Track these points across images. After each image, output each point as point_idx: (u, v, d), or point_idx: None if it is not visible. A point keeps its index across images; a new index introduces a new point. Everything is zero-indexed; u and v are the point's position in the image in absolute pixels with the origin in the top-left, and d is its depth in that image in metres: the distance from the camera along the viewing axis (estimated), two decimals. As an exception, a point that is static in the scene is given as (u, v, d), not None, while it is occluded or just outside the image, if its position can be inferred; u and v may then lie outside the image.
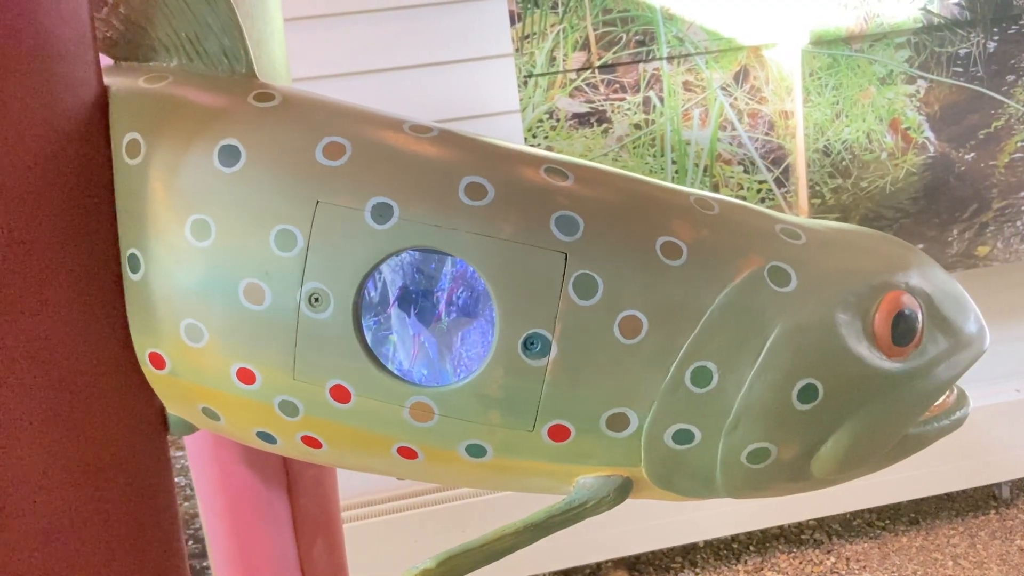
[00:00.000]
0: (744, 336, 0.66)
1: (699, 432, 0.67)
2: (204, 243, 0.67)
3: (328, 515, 0.98)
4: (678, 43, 2.16)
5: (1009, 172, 2.34)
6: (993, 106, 2.28)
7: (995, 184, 2.34)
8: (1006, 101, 2.29)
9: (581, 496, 0.69)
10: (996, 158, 2.32)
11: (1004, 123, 2.30)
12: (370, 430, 0.69)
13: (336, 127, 0.68)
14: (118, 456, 0.74)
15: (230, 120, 0.68)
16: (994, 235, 2.36)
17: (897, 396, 0.70)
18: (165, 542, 0.79)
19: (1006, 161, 2.33)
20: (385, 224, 0.65)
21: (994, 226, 2.36)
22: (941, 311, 0.72)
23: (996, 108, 2.28)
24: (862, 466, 0.72)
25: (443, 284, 0.76)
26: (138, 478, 0.76)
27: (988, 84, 2.28)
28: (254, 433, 0.73)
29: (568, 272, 0.65)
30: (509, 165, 0.68)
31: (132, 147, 0.69)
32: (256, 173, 0.67)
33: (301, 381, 0.68)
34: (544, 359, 0.65)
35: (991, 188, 2.34)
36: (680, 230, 0.68)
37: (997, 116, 2.29)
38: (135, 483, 0.76)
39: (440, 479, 0.74)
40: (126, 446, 0.75)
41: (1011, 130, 2.31)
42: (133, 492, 0.76)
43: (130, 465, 0.75)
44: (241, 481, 0.94)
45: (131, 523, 0.75)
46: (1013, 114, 2.30)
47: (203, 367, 0.70)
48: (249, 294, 0.66)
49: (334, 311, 0.66)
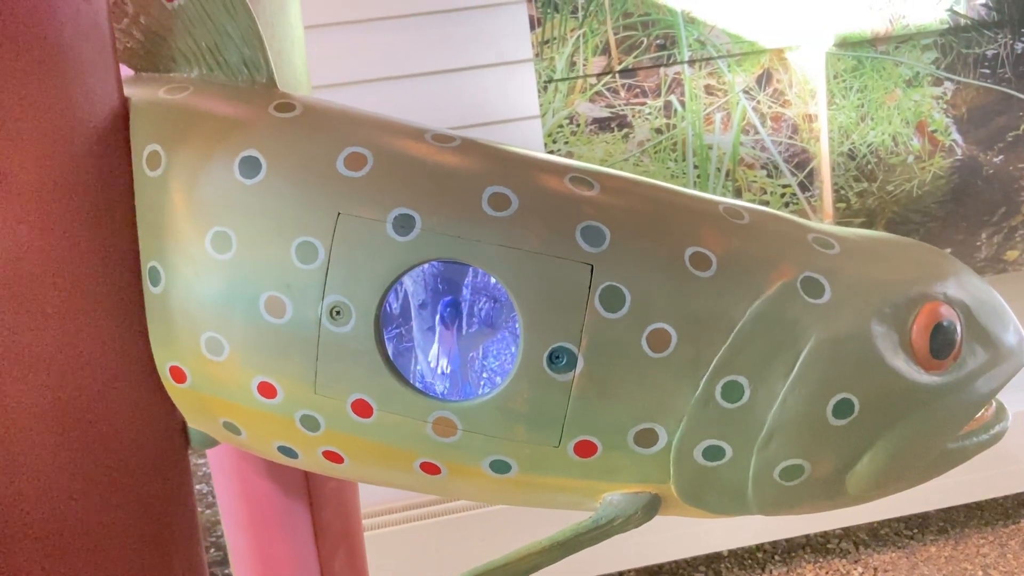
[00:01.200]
0: (777, 349, 0.64)
1: (730, 448, 0.65)
2: (225, 256, 0.66)
3: (350, 527, 0.97)
4: (699, 46, 2.14)
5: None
6: (1021, 108, 2.24)
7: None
8: (1035, 102, 2.25)
9: (608, 514, 0.67)
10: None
11: (1033, 125, 2.25)
12: (392, 445, 0.68)
13: (357, 137, 0.67)
14: (139, 470, 0.73)
15: (251, 131, 0.67)
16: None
17: (935, 410, 0.67)
18: (186, 558, 0.78)
19: (1035, 163, 2.29)
20: (407, 236, 0.64)
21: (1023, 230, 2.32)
22: (980, 322, 0.70)
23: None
24: (899, 482, 0.70)
25: (465, 295, 0.75)
26: (159, 492, 0.75)
27: (1016, 86, 2.25)
28: (275, 448, 0.72)
29: (594, 284, 0.63)
30: (533, 174, 0.67)
31: (152, 159, 0.68)
32: (277, 184, 0.66)
33: (322, 395, 0.67)
34: (570, 373, 0.63)
35: (1020, 191, 2.30)
36: (709, 240, 0.66)
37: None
38: (156, 498, 0.75)
39: (464, 495, 0.72)
40: (147, 460, 0.74)
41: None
42: (154, 507, 0.75)
43: (151, 479, 0.74)
44: (262, 493, 0.93)
45: (151, 538, 0.74)
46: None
47: (224, 381, 0.69)
48: (270, 307, 0.65)
49: (356, 324, 0.64)
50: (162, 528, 0.75)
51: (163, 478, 0.75)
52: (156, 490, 0.75)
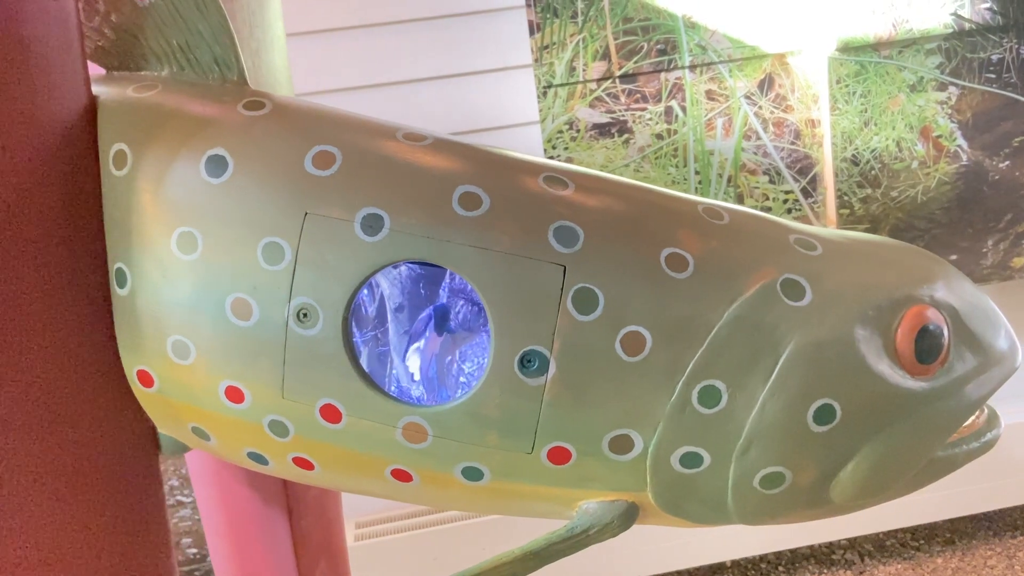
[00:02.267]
0: (755, 353, 0.62)
1: (708, 455, 0.63)
2: (190, 256, 0.65)
3: (331, 537, 0.95)
4: (701, 51, 2.12)
5: (1046, 181, 2.27)
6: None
7: (1031, 193, 2.26)
8: (1041, 107, 2.22)
9: (583, 522, 0.65)
10: (1032, 166, 2.25)
11: (1040, 130, 2.22)
12: (362, 451, 0.66)
13: (326, 135, 0.66)
14: (107, 477, 0.72)
15: (218, 129, 0.66)
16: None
17: (922, 417, 0.65)
18: (156, 566, 0.76)
19: (1042, 169, 2.26)
20: (375, 236, 0.62)
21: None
22: (969, 326, 0.68)
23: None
24: (886, 491, 0.67)
25: (442, 298, 0.74)
26: (129, 499, 0.74)
27: (1022, 91, 2.22)
28: (245, 454, 0.71)
29: (567, 286, 0.61)
30: (506, 174, 0.65)
31: (119, 158, 0.67)
32: (243, 184, 0.64)
33: (290, 400, 0.65)
34: (542, 377, 0.61)
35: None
36: (687, 241, 0.64)
37: (1032, 123, 2.22)
38: (125, 505, 0.73)
39: (438, 503, 0.70)
40: (115, 467, 0.72)
41: (1047, 137, 2.24)
42: (124, 514, 0.73)
43: (120, 486, 0.73)
44: (241, 500, 0.92)
45: (121, 546, 0.73)
46: (1049, 120, 2.23)
47: (191, 385, 0.67)
48: (236, 309, 0.64)
49: (323, 327, 0.63)
50: (132, 535, 0.74)
51: (133, 484, 0.74)
52: (126, 497, 0.73)
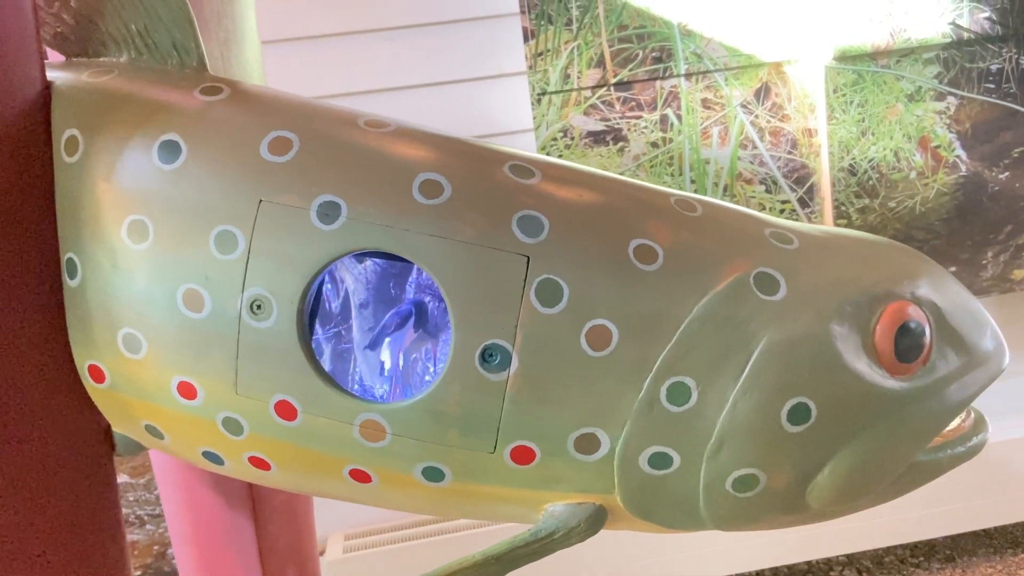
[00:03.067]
0: (726, 349, 0.60)
1: (678, 456, 0.60)
2: (141, 246, 0.62)
3: (300, 544, 0.92)
4: (696, 59, 2.10)
5: (1046, 192, 2.24)
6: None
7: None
8: (1042, 118, 2.20)
9: (548, 526, 0.62)
10: (1032, 178, 2.22)
11: (1040, 141, 2.20)
12: (319, 450, 0.63)
13: (284, 121, 0.63)
14: (59, 478, 0.69)
15: (172, 114, 0.64)
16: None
17: (902, 418, 0.62)
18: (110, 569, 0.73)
19: (1043, 181, 2.23)
20: (332, 224, 0.60)
21: (1033, 249, 2.25)
22: (952, 325, 0.65)
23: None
24: (866, 496, 0.65)
25: (408, 294, 0.71)
26: (81, 500, 0.71)
27: (1021, 101, 2.19)
28: (200, 453, 0.68)
29: (530, 277, 0.59)
30: (470, 162, 0.63)
31: (70, 144, 0.65)
32: (196, 170, 0.62)
33: (244, 396, 0.62)
34: (504, 372, 0.59)
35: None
36: (657, 232, 0.62)
37: (1032, 134, 2.19)
38: (77, 505, 0.71)
39: (399, 505, 0.68)
40: (68, 467, 0.70)
41: (1047, 148, 2.21)
42: (76, 515, 0.71)
43: (72, 486, 0.70)
44: (207, 504, 0.89)
45: (70, 549, 0.70)
46: (1049, 131, 2.21)
47: (143, 381, 0.65)
48: (188, 301, 0.62)
49: (277, 319, 0.60)
50: (84, 536, 0.71)
51: (86, 484, 0.71)
52: (78, 497, 0.71)
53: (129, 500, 2.16)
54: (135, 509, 2.22)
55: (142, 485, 2.23)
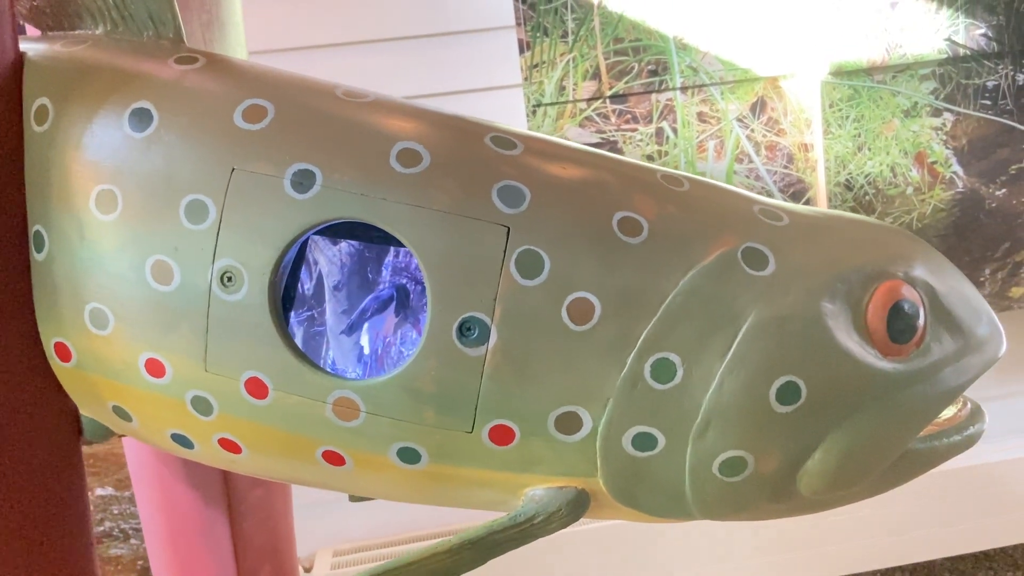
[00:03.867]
0: (713, 325, 0.57)
1: (663, 436, 0.58)
2: (110, 216, 0.60)
3: (277, 542, 0.90)
4: (692, 73, 2.10)
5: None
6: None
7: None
8: (1038, 135, 2.19)
9: (528, 510, 0.60)
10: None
11: (1037, 158, 2.19)
12: (291, 431, 0.61)
13: (259, 90, 0.62)
14: (24, 463, 0.67)
15: (145, 82, 0.62)
16: (1030, 276, 2.24)
17: (896, 402, 0.60)
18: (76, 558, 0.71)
19: (1040, 198, 2.22)
20: (306, 193, 0.58)
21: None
22: (948, 308, 0.63)
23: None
24: (858, 484, 0.62)
25: (384, 276, 0.69)
26: (48, 486, 0.68)
27: (1018, 118, 2.19)
28: (168, 436, 0.65)
29: (510, 248, 0.57)
30: (449, 132, 0.61)
31: (40, 113, 0.63)
32: (168, 138, 0.60)
33: (214, 373, 0.60)
34: (482, 347, 0.57)
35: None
36: (642, 206, 0.60)
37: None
38: (45, 491, 0.68)
39: (373, 491, 0.65)
40: (34, 452, 0.67)
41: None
42: (42, 502, 0.68)
43: (38, 473, 0.68)
44: (181, 502, 0.86)
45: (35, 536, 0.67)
46: (1046, 148, 2.20)
47: (110, 358, 0.63)
48: (157, 273, 0.59)
49: (248, 291, 0.58)
50: (49, 523, 0.68)
51: (53, 470, 0.69)
52: (45, 483, 0.68)
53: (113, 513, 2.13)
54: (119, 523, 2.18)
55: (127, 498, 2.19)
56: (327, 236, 0.68)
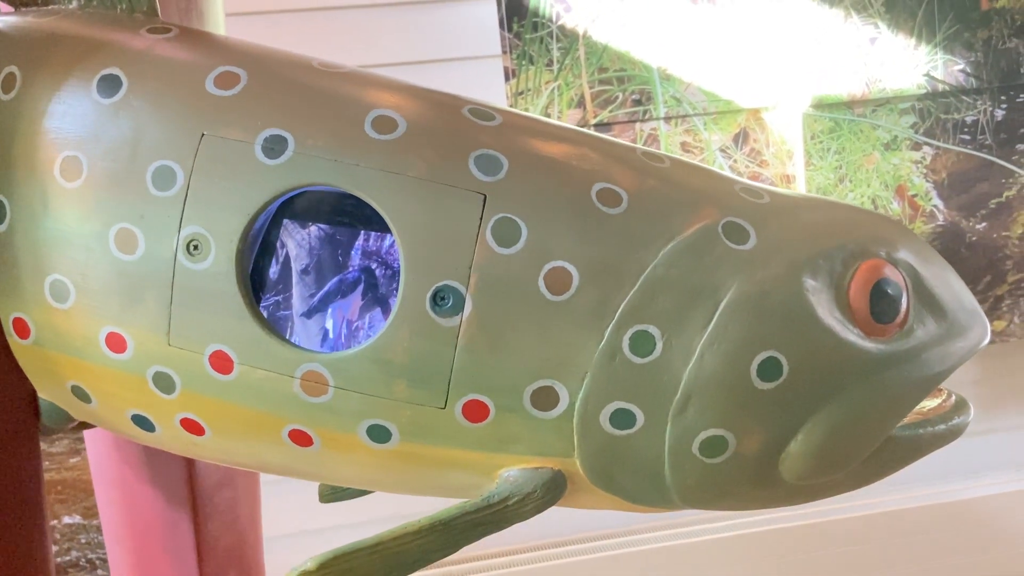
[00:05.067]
0: (693, 297, 0.56)
1: (642, 413, 0.56)
2: (74, 184, 0.59)
3: (243, 547, 0.86)
4: (676, 103, 2.11)
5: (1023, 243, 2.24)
6: (1004, 175, 2.20)
7: (1009, 256, 2.23)
8: (1017, 170, 2.22)
9: (502, 491, 0.58)
10: (1009, 228, 2.22)
11: (1016, 193, 2.21)
12: (256, 408, 0.59)
13: (233, 58, 0.61)
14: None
15: (116, 50, 0.61)
16: (1010, 309, 2.25)
17: (879, 383, 0.59)
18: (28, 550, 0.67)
19: (1020, 232, 2.23)
20: (277, 159, 0.56)
21: (1010, 300, 2.24)
22: (931, 291, 0.62)
23: (1007, 177, 2.20)
24: (841, 470, 0.60)
25: (354, 260, 0.67)
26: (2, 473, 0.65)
27: (997, 153, 2.21)
28: (128, 417, 0.63)
29: (486, 216, 0.55)
30: (426, 102, 0.60)
31: (8, 81, 0.62)
32: (136, 103, 0.59)
33: (177, 347, 0.58)
34: (456, 317, 0.55)
35: (1005, 260, 2.23)
36: (621, 178, 0.59)
37: (1008, 185, 2.20)
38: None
39: (341, 475, 0.63)
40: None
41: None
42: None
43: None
44: (143, 502, 0.83)
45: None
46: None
47: (70, 333, 0.60)
48: (120, 241, 0.58)
49: (215, 259, 0.56)
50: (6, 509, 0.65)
51: (7, 454, 0.66)
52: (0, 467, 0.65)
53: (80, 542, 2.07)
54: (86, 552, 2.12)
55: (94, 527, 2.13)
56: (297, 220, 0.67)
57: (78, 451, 1.97)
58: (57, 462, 1.90)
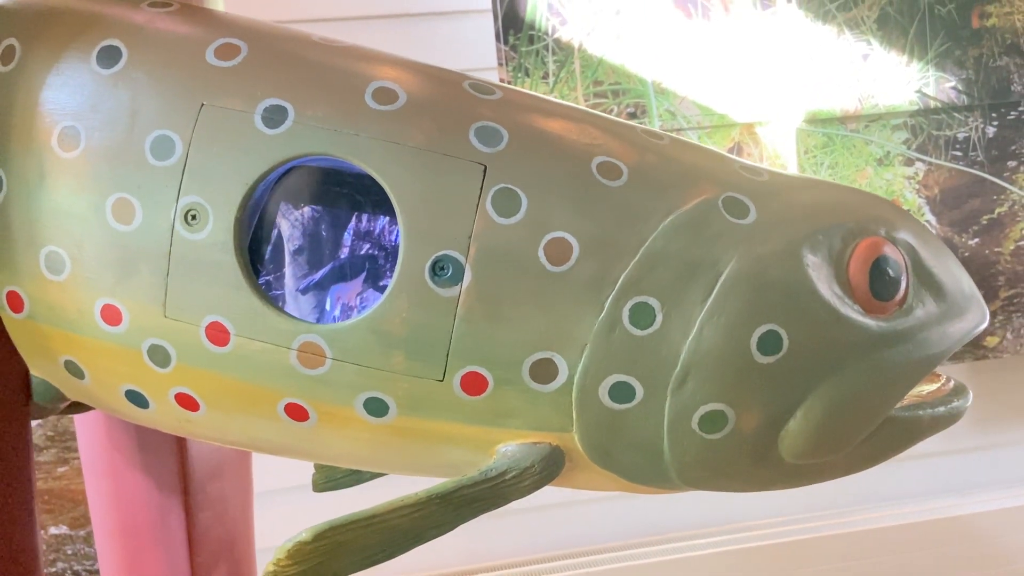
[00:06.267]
0: (693, 269, 0.56)
1: (641, 386, 0.56)
2: (71, 154, 0.58)
3: (235, 539, 0.85)
4: (670, 117, 2.13)
5: (1015, 259, 2.25)
6: (995, 192, 2.21)
7: (1002, 272, 2.24)
8: (1008, 187, 2.23)
9: (500, 465, 0.57)
10: (1001, 245, 2.24)
11: (1007, 209, 2.23)
12: (252, 381, 0.58)
13: (234, 30, 0.61)
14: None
15: (116, 22, 0.61)
16: (1003, 325, 2.25)
17: (878, 360, 0.58)
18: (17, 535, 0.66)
19: (1011, 248, 2.24)
20: (277, 128, 0.56)
21: (1003, 316, 2.25)
22: (930, 271, 0.62)
23: (998, 194, 2.21)
24: (841, 449, 0.60)
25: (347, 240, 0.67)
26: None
27: (989, 169, 2.23)
28: (122, 393, 0.62)
29: (487, 186, 0.55)
30: (427, 76, 0.61)
31: (7, 53, 0.62)
32: (136, 74, 0.59)
33: (173, 319, 0.57)
34: (456, 287, 0.55)
35: (997, 276, 2.24)
36: (622, 152, 0.59)
37: (999, 202, 2.22)
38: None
39: (336, 452, 0.62)
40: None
41: (1015, 216, 2.24)
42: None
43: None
44: (133, 490, 0.82)
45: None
46: (1017, 200, 2.24)
47: (64, 306, 0.60)
48: (118, 212, 0.57)
49: (213, 229, 0.56)
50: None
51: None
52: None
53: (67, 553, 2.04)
54: (72, 563, 2.09)
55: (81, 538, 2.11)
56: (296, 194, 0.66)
57: (66, 460, 1.95)
58: (44, 471, 1.88)
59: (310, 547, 0.53)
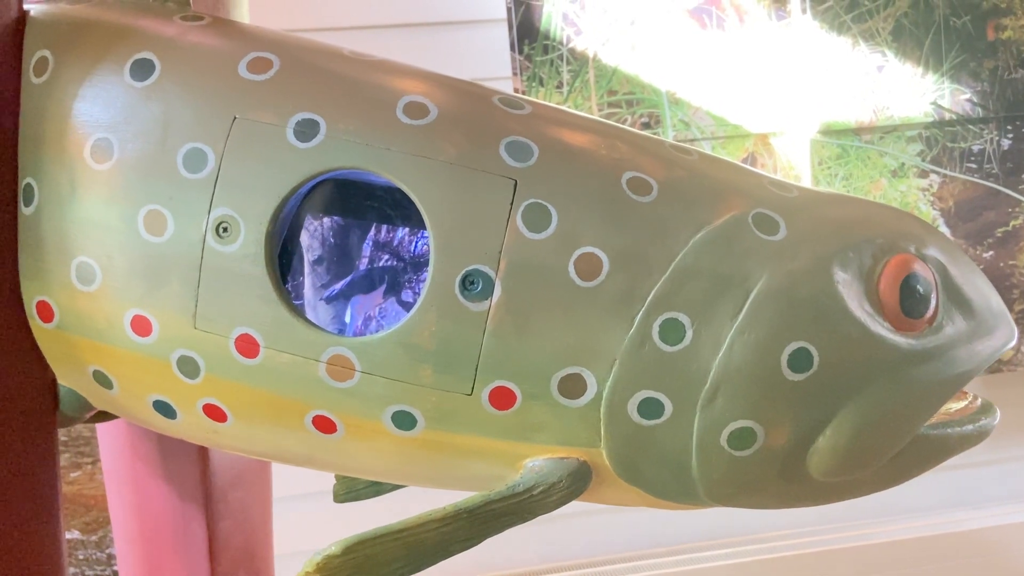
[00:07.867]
0: (723, 286, 0.56)
1: (670, 403, 0.56)
2: (104, 165, 0.59)
3: (255, 547, 0.85)
4: (684, 127, 2.13)
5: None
6: (1010, 204, 2.21)
7: (1016, 284, 2.24)
8: (1023, 200, 2.23)
9: (528, 480, 0.57)
10: (1016, 257, 2.23)
11: (1022, 222, 2.22)
12: (280, 393, 0.58)
13: (266, 44, 0.61)
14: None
15: (149, 35, 0.62)
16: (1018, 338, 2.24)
17: (908, 378, 0.58)
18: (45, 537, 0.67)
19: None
20: (309, 142, 0.57)
21: (1018, 328, 2.24)
22: (960, 289, 0.62)
23: (1013, 206, 2.21)
24: (870, 466, 0.60)
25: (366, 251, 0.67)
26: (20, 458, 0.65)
27: (1004, 182, 2.22)
28: (150, 403, 0.63)
29: (517, 201, 0.55)
30: (457, 91, 0.61)
31: (40, 65, 0.62)
32: (169, 87, 0.59)
33: (203, 330, 0.58)
34: (486, 302, 0.55)
35: (1012, 288, 2.23)
36: (651, 168, 0.59)
37: (1014, 214, 2.21)
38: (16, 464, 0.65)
39: (362, 464, 0.62)
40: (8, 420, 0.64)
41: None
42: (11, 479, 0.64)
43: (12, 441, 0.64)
44: (155, 500, 0.82)
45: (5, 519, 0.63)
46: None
47: (94, 316, 0.60)
48: (149, 223, 0.58)
49: (244, 242, 0.56)
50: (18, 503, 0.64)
51: (26, 441, 0.65)
52: (16, 454, 0.64)
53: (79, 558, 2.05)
54: (84, 568, 2.10)
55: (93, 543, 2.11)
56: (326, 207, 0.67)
57: (79, 465, 1.95)
58: (58, 476, 1.87)
59: (339, 560, 0.53)
